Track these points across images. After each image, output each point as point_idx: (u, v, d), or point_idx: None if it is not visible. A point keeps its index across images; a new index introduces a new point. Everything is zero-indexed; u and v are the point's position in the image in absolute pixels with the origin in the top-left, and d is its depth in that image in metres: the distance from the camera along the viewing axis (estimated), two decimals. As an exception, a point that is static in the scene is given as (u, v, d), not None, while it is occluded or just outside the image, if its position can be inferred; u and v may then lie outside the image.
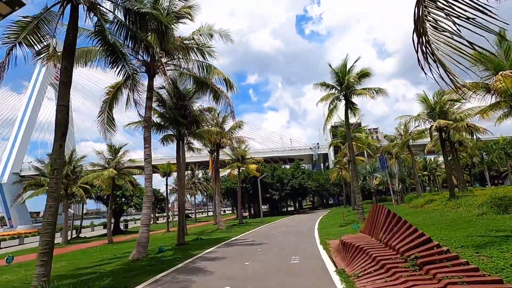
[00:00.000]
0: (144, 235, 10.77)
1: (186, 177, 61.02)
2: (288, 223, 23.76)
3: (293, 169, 47.17)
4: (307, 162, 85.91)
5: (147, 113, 12.09)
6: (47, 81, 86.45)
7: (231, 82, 12.61)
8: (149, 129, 12.08)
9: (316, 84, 17.14)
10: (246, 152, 30.12)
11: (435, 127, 18.16)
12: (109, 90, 12.86)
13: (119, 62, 10.51)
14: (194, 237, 17.01)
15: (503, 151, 41.01)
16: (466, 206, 14.41)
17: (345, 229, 14.39)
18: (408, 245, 5.74)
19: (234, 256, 9.45)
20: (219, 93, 13.08)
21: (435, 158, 60.52)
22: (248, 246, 11.75)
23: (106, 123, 12.99)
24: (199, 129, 15.05)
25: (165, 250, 12.17)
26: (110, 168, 21.84)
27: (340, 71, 16.35)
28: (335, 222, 20.14)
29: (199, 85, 13.20)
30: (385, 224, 6.87)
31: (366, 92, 15.47)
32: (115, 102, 13.12)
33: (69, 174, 26.36)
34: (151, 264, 9.23)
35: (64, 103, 7.75)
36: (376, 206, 7.90)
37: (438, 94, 18.62)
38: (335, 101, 17.67)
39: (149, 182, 11.50)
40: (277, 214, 45.29)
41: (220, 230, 21.79)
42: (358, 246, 6.72)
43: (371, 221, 7.94)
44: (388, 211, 7.02)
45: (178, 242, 13.72)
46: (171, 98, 14.89)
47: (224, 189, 47.89)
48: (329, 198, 67.97)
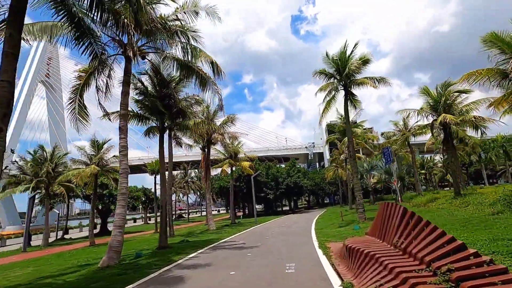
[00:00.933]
0: (117, 238, 9.35)
1: (179, 176, 59.55)
2: (283, 223, 22.48)
3: (289, 167, 45.95)
4: (303, 161, 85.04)
5: (124, 99, 10.67)
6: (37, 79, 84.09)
7: (218, 66, 11.22)
8: (126, 118, 10.67)
9: (315, 72, 15.84)
10: (239, 148, 28.72)
11: (439, 121, 16.99)
12: (79, 74, 11.41)
13: (85, 39, 9.12)
14: (180, 239, 15.61)
15: (502, 149, 40.33)
16: (476, 205, 13.26)
17: (344, 230, 13.15)
18: (435, 253, 4.45)
19: (219, 263, 8.10)
20: (206, 79, 11.69)
21: (431, 156, 59.93)
22: (237, 249, 10.42)
23: (78, 112, 11.61)
24: (185, 120, 13.60)
25: (144, 255, 10.76)
26: (92, 165, 20.28)
27: (339, 59, 15.06)
28: (332, 222, 18.91)
29: (184, 70, 11.79)
30: (401, 225, 5.59)
31: (368, 81, 14.20)
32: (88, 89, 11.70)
33: (50, 172, 24.70)
34: (121, 272, 7.83)
35: (8, 78, 6.31)
36: (387, 204, 6.62)
37: (444, 85, 17.47)
38: (332, 92, 16.41)
39: (124, 177, 10.10)
40: (272, 214, 44.02)
41: (210, 231, 20.42)
42: (368, 253, 5.42)
43: (381, 222, 6.66)
44: (404, 210, 5.74)
45: (160, 245, 12.32)
46: (154, 86, 13.47)
47: (217, 188, 46.47)
48: (325, 197, 67.00)
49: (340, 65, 15.12)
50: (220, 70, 11.29)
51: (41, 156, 25.45)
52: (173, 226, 18.38)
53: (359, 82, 14.60)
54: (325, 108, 16.25)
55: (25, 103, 79.30)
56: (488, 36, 10.94)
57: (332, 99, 16.11)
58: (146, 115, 13.38)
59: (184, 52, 11.00)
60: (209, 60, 11.04)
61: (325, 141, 69.96)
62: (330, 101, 16.14)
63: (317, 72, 15.94)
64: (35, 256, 17.02)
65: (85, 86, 11.49)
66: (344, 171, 41.03)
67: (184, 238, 15.14)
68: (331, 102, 16.21)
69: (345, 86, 15.44)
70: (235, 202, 49.47)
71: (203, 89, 11.86)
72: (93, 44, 9.44)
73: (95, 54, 9.56)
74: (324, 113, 16.27)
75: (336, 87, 16.08)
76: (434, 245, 4.63)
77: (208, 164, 23.51)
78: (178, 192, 58.27)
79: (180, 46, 11.04)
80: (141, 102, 13.04)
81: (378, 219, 7.04)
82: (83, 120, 11.86)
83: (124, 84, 10.84)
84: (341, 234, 11.76)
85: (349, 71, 14.55)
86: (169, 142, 19.41)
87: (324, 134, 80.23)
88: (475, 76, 10.91)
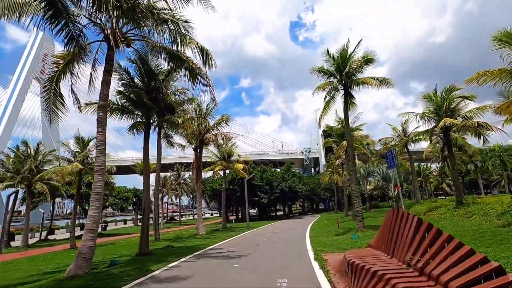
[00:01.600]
0: (88, 244, 8.27)
1: (172, 178, 58.20)
2: (276, 229, 21.46)
3: (284, 171, 44.97)
4: (298, 166, 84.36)
5: (104, 89, 9.67)
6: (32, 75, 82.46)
7: (209, 54, 10.24)
8: (105, 110, 9.63)
9: (313, 69, 14.98)
10: (232, 150, 27.69)
11: (440, 126, 16.24)
12: (56, 60, 10.39)
13: (60, 18, 8.12)
14: (166, 244, 14.50)
15: (499, 159, 39.92)
16: (482, 215, 12.43)
17: (342, 239, 12.19)
18: (464, 278, 3.53)
19: (200, 276, 7.08)
20: (197, 71, 10.72)
21: (427, 165, 59.44)
22: (224, 259, 9.39)
23: (52, 103, 10.58)
24: (173, 116, 12.57)
25: (120, 262, 9.67)
26: (75, 163, 19.09)
27: (340, 56, 14.20)
28: (328, 229, 17.94)
29: (173, 61, 10.80)
30: (416, 240, 4.65)
31: (371, 80, 13.33)
32: (64, 77, 10.67)
33: (33, 169, 23.42)
34: (85, 285, 6.77)
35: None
36: (396, 213, 5.69)
37: (448, 90, 16.75)
38: (332, 92, 15.55)
39: (100, 175, 9.04)
40: (266, 219, 42.91)
41: (199, 236, 19.31)
42: (376, 273, 4.47)
43: (388, 234, 5.72)
44: (419, 221, 4.81)
45: (140, 252, 11.21)
46: (141, 78, 12.46)
47: (210, 190, 45.29)
48: (320, 203, 66.06)
49: (341, 63, 14.27)
50: (210, 58, 10.32)
51: (24, 152, 24.19)
52: (159, 229, 17.25)
53: (361, 81, 13.73)
54: (324, 108, 15.39)
55: (18, 99, 77.65)
56: (500, 34, 10.21)
57: (331, 99, 15.24)
58: (130, 108, 12.33)
59: (172, 40, 10.04)
60: (198, 47, 10.08)
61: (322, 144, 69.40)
62: (329, 101, 15.27)
63: (315, 69, 15.08)
64: (7, 259, 15.76)
65: (62, 74, 10.49)
66: (340, 176, 40.22)
67: (169, 244, 14.03)
68: (330, 102, 15.33)
69: (345, 86, 14.59)
70: (229, 205, 48.35)
71: (193, 82, 10.88)
72: (70, 25, 8.45)
73: (72, 36, 8.57)
74: (323, 113, 15.39)
75: (336, 86, 15.23)
76: (461, 267, 3.69)
77: (199, 165, 22.46)
78: (170, 194, 56.94)
79: (169, 33, 10.07)
80: (124, 94, 11.98)
81: (384, 230, 6.10)
82: (58, 111, 10.87)
83: (105, 73, 9.84)
84: (338, 244, 10.81)
85: (350, 69, 13.70)
86: (158, 141, 18.37)
87: (320, 139, 79.70)
88: (486, 76, 10.15)
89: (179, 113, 13.51)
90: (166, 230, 35.94)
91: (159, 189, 53.37)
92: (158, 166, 18.25)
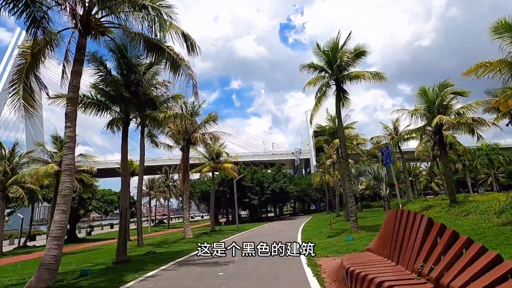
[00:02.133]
0: (52, 253, 7.27)
1: (160, 180, 56.68)
2: (267, 232, 20.69)
3: (275, 172, 44.31)
4: (289, 167, 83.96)
5: (74, 80, 8.71)
6: (13, 75, 79.37)
7: (192, 40, 9.39)
8: (75, 103, 8.68)
9: (303, 66, 14.32)
10: (221, 150, 26.78)
11: (434, 123, 15.82)
12: (23, 50, 9.37)
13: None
14: (149, 249, 13.51)
15: (487, 157, 40.35)
16: (479, 214, 11.97)
17: (336, 241, 11.51)
18: (495, 292, 2.85)
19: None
20: (179, 62, 9.86)
21: (416, 164, 59.91)
22: (209, 266, 8.54)
23: (22, 97, 9.60)
24: (154, 112, 11.62)
25: (92, 272, 8.70)
26: (51, 164, 17.85)
27: (331, 49, 13.57)
28: (320, 230, 17.29)
29: (152, 51, 9.91)
30: (427, 244, 3.97)
31: (364, 73, 12.73)
32: (36, 68, 9.71)
33: (8, 171, 21.95)
34: (44, 302, 5.83)
35: None
36: (400, 213, 5.00)
37: (441, 85, 16.37)
38: (323, 88, 14.93)
39: (67, 176, 8.07)
40: (257, 220, 42.13)
41: (185, 240, 18.34)
42: (382, 284, 3.74)
43: (392, 237, 5.02)
44: (429, 222, 4.13)
45: (117, 259, 10.22)
46: (121, 70, 11.49)
47: (199, 192, 44.21)
48: (311, 203, 65.68)
49: (331, 57, 13.66)
50: (194, 44, 9.46)
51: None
52: (142, 234, 16.22)
53: (353, 75, 13.13)
54: (315, 105, 14.73)
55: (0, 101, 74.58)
56: (498, 24, 9.76)
57: (323, 95, 14.61)
58: (107, 103, 11.32)
59: (151, 26, 9.16)
60: (180, 32, 9.21)
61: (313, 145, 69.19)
62: (321, 97, 14.62)
63: (305, 66, 14.42)
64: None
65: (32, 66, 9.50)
66: (331, 177, 39.81)
67: (151, 249, 13.06)
68: (322, 98, 14.70)
69: (337, 81, 13.98)
70: (219, 207, 47.29)
71: (174, 73, 10.01)
72: (31, 6, 7.50)
73: (34, 18, 7.61)
74: (315, 110, 14.75)
75: (328, 82, 14.62)
76: (488, 277, 3.01)
77: (186, 166, 21.49)
78: (158, 196, 55.46)
79: (147, 19, 9.19)
80: (99, 88, 10.97)
81: (386, 232, 5.41)
82: (29, 107, 9.90)
83: (75, 62, 8.88)
84: (332, 246, 10.12)
85: (342, 62, 13.10)
86: (141, 140, 17.42)
87: (311, 140, 79.48)
88: (485, 67, 9.69)
89: (160, 106, 12.59)
90: (153, 234, 34.71)
91: (146, 192, 52.06)
92: (141, 167, 17.24)
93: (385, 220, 5.67)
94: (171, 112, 11.72)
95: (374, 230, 12.68)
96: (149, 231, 42.17)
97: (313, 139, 74.11)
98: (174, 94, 16.30)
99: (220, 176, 37.06)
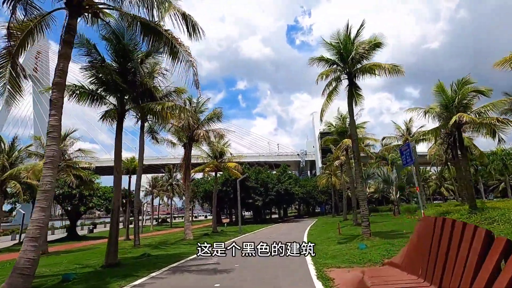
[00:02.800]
0: (27, 255, 6.42)
1: (163, 178, 56.07)
2: (271, 234, 19.71)
3: (280, 173, 43.26)
4: (294, 169, 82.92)
5: (61, 64, 7.89)
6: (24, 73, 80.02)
7: (194, 21, 8.49)
8: (61, 89, 7.84)
9: (312, 59, 13.31)
10: (225, 148, 25.86)
11: (453, 121, 14.65)
12: (11, 32, 8.56)
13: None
14: (143, 251, 12.64)
15: (502, 163, 38.70)
16: (506, 222, 10.84)
17: (347, 248, 10.46)
18: None
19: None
20: (178, 47, 8.98)
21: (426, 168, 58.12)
22: (204, 274, 7.62)
23: (9, 81, 8.86)
24: (151, 103, 10.75)
25: (77, 277, 7.83)
26: (48, 158, 17.12)
27: (342, 41, 12.49)
28: (328, 235, 16.24)
29: (149, 35, 9.05)
30: (488, 265, 2.98)
31: (381, 64, 11.58)
32: (24, 50, 8.97)
33: (6, 166, 21.37)
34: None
35: None
36: (439, 221, 3.98)
37: (460, 82, 15.21)
38: (333, 83, 13.90)
39: (49, 168, 7.24)
40: (261, 222, 41.14)
41: (185, 241, 17.47)
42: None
43: (428, 251, 4.01)
44: (487, 236, 3.13)
45: (106, 262, 9.36)
46: (115, 57, 10.66)
47: (202, 192, 43.43)
48: (316, 206, 64.41)
49: (343, 49, 12.61)
50: (196, 26, 8.55)
51: (-3, 148, 22.13)
52: (139, 234, 15.39)
53: (368, 67, 12.03)
54: (326, 100, 13.70)
55: (5, 99, 74.98)
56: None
57: (334, 90, 13.60)
58: (101, 93, 10.48)
59: (148, 7, 8.30)
60: (180, 13, 8.32)
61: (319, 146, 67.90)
62: (332, 92, 13.60)
63: (314, 59, 13.38)
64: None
65: (20, 49, 8.74)
66: (338, 179, 38.61)
67: (147, 252, 12.18)
68: (333, 93, 13.68)
69: (349, 75, 12.94)
70: (222, 207, 46.40)
71: (173, 60, 9.13)
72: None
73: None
74: (325, 106, 13.72)
75: (339, 76, 13.59)
76: None
77: (188, 163, 20.65)
78: (162, 195, 54.84)
79: (143, 0, 8.33)
80: (93, 75, 10.11)
81: (419, 245, 4.41)
82: (15, 93, 9.17)
83: (63, 44, 8.08)
84: (343, 255, 9.09)
85: (356, 55, 12.07)
86: (141, 135, 16.69)
87: (317, 141, 78.27)
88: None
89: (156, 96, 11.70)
90: (154, 233, 33.98)
91: (149, 191, 51.39)
92: (140, 163, 16.47)
93: (417, 229, 4.67)
94: (169, 103, 10.84)
95: (388, 237, 11.60)
96: (151, 230, 41.50)
97: (319, 141, 72.87)
98: (176, 88, 15.51)
99: (224, 175, 36.20)
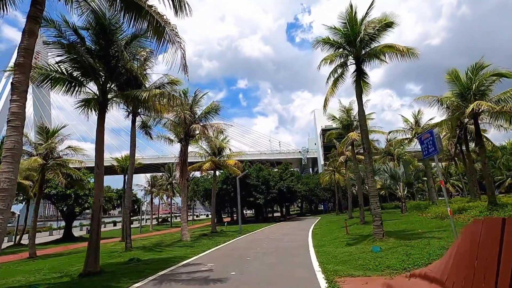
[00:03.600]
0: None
1: (163, 177, 55.07)
2: (273, 235, 18.60)
3: (281, 170, 42.08)
4: (296, 166, 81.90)
5: (25, 42, 6.77)
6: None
7: (180, -6, 7.35)
8: (26, 71, 6.73)
9: (318, 40, 12.09)
10: (224, 144, 24.68)
11: (470, 110, 13.43)
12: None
13: None
14: (133, 255, 11.55)
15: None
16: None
17: (358, 250, 9.30)
18: None
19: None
20: (163, 25, 7.85)
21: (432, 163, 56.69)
22: (196, 284, 6.51)
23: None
24: (136, 90, 9.59)
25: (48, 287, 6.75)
26: (35, 157, 16.10)
27: (348, 21, 11.24)
28: (334, 235, 15.09)
29: (130, 12, 7.91)
30: None
31: (395, 45, 10.25)
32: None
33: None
34: None
35: None
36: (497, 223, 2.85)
37: (475, 68, 13.97)
38: (338, 69, 12.69)
39: (8, 162, 6.14)
40: (262, 221, 40.12)
41: (181, 243, 16.39)
42: None
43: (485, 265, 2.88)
44: None
45: (84, 271, 8.24)
46: (96, 39, 9.50)
47: (203, 190, 42.40)
48: (319, 204, 63.19)
49: (350, 30, 11.40)
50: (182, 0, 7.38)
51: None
52: (130, 236, 14.31)
53: (379, 49, 10.75)
54: (331, 87, 12.48)
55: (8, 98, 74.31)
56: None
57: (340, 77, 12.41)
58: (80, 78, 9.34)
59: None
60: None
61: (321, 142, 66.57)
62: (337, 79, 12.42)
63: (320, 40, 12.14)
64: None
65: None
66: (341, 176, 37.41)
67: (136, 256, 11.07)
68: (338, 80, 12.48)
69: (357, 59, 11.74)
70: (223, 206, 45.33)
71: (158, 40, 7.99)
72: None
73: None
74: (330, 94, 12.53)
75: (345, 62, 12.38)
76: None
77: (185, 159, 19.54)
78: (161, 194, 53.89)
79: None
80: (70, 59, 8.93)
81: (470, 256, 3.28)
82: None
83: (29, 19, 6.95)
84: (355, 259, 7.93)
85: (365, 36, 10.86)
86: (132, 129, 15.58)
87: (318, 138, 77.04)
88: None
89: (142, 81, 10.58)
90: (153, 233, 33.05)
91: (148, 190, 50.39)
92: (131, 160, 15.36)
93: (464, 234, 3.51)
94: (156, 91, 9.68)
95: (403, 238, 10.42)
96: (150, 230, 40.57)
97: (321, 138, 71.60)
98: (170, 79, 14.38)
99: (224, 173, 35.13)
